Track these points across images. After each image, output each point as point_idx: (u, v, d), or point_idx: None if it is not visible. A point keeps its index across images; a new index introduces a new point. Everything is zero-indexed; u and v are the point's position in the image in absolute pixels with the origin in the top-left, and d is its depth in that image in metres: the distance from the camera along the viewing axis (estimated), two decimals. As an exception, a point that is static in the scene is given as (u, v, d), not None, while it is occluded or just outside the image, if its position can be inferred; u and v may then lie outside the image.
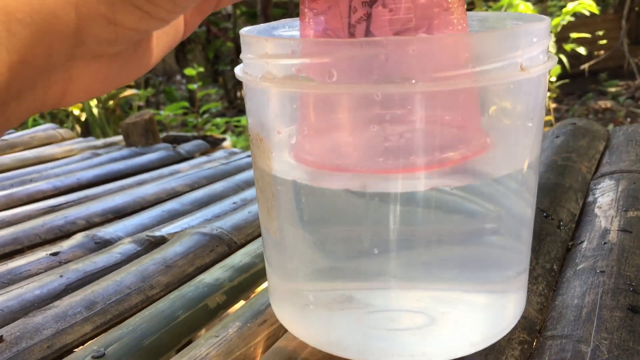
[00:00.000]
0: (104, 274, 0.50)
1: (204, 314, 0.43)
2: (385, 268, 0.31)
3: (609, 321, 0.35)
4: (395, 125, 0.28)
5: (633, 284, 0.39)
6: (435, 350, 0.31)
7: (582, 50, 2.80)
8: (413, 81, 0.26)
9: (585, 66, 3.51)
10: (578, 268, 0.42)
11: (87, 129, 2.36)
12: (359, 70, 0.26)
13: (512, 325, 0.34)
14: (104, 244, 0.58)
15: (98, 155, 0.95)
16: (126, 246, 0.56)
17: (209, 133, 2.45)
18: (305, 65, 0.27)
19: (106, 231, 0.61)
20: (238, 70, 0.32)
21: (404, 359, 0.31)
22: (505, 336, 0.34)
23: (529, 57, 0.28)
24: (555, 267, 0.44)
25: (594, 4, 2.51)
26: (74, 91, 0.26)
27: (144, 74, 0.30)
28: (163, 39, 0.30)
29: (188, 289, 0.46)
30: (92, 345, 0.38)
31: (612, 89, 3.51)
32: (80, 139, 1.05)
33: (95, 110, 2.35)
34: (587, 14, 2.70)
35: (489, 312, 0.32)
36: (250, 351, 0.36)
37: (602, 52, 3.66)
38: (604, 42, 3.56)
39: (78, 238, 0.58)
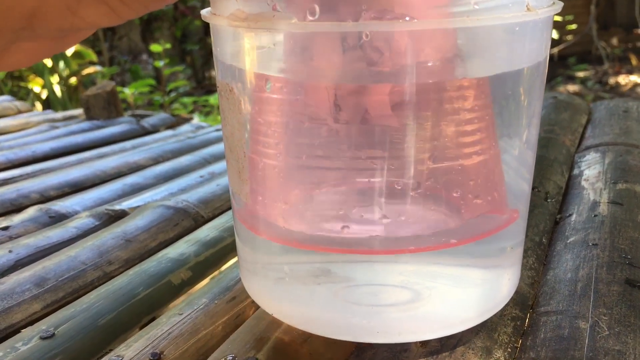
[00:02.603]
0: (58, 250, 0.46)
1: (167, 290, 0.40)
2: (385, 236, 0.28)
3: (606, 296, 0.33)
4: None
5: (629, 256, 0.36)
6: (424, 328, 0.28)
7: (553, 33, 2.80)
8: (407, 18, 0.23)
9: (555, 50, 3.53)
10: (569, 241, 0.40)
11: (49, 107, 2.28)
12: (345, 5, 0.23)
13: (506, 301, 0.31)
14: (59, 218, 0.54)
15: (56, 128, 0.89)
16: (83, 220, 0.52)
17: (176, 112, 2.39)
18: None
19: (62, 205, 0.56)
20: (205, 11, 0.28)
21: (391, 338, 0.28)
22: (497, 312, 0.32)
23: (534, -4, 0.25)
24: (544, 240, 0.41)
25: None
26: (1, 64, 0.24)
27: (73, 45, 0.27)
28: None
29: (150, 265, 0.42)
30: (41, 325, 0.34)
31: (581, 74, 3.54)
32: (37, 112, 1.00)
33: (56, 88, 2.26)
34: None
35: (483, 287, 0.30)
36: (218, 330, 0.33)
37: (570, 36, 3.68)
38: (573, 26, 3.58)
39: (30, 212, 0.54)
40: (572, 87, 3.29)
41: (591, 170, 0.51)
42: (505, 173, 0.30)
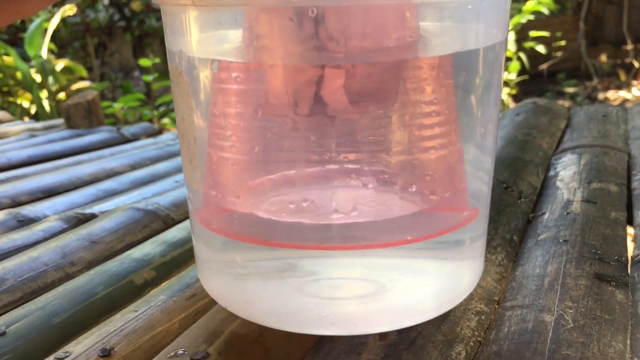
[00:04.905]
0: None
1: (129, 290, 0.38)
2: (332, 231, 0.27)
3: (573, 290, 0.32)
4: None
5: (599, 252, 0.36)
6: (380, 319, 0.27)
7: (541, 48, 2.82)
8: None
9: (544, 66, 3.55)
10: (539, 238, 0.39)
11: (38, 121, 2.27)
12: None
13: (467, 294, 0.30)
14: (28, 222, 0.53)
15: (35, 137, 0.89)
16: (51, 224, 0.50)
17: (166, 127, 2.38)
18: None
19: (32, 209, 0.55)
20: (155, -4, 0.27)
21: (344, 329, 0.27)
22: (460, 306, 0.31)
23: (487, -24, 0.24)
24: (515, 237, 0.40)
25: (551, 2, 2.53)
26: None
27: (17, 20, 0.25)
28: None
29: (112, 265, 0.41)
30: (-7, 324, 0.33)
31: (570, 89, 3.56)
32: (18, 121, 0.99)
33: (45, 102, 2.25)
34: (547, 12, 2.72)
35: (441, 279, 0.29)
36: (175, 327, 0.32)
37: (560, 53, 3.71)
38: (562, 43, 3.60)
39: (-1, 216, 0.53)
40: (562, 103, 3.31)
41: (567, 171, 0.51)
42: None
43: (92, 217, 0.52)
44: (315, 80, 0.25)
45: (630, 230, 0.41)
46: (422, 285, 0.29)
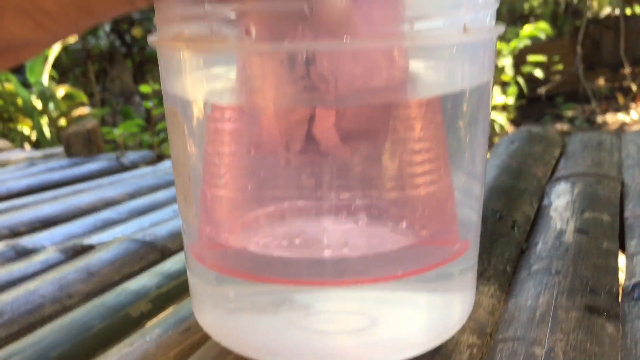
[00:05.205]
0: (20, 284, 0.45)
1: (125, 323, 0.39)
2: (324, 266, 0.28)
3: (564, 322, 0.32)
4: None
5: (590, 283, 0.36)
6: (373, 353, 0.28)
7: (538, 72, 2.84)
8: (345, 39, 0.23)
9: (542, 90, 3.57)
10: (532, 269, 0.39)
11: (38, 148, 2.28)
12: (281, 26, 0.23)
13: (458, 327, 0.30)
14: (26, 253, 0.53)
15: (35, 165, 0.89)
16: (49, 255, 0.51)
17: (166, 153, 2.39)
18: (219, 22, 0.24)
19: (30, 240, 0.55)
20: (151, 36, 0.28)
21: (336, 364, 0.27)
22: (453, 339, 0.31)
23: (473, 18, 0.25)
24: (508, 268, 0.40)
25: (548, 27, 2.56)
26: None
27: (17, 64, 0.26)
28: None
29: (109, 297, 0.41)
30: (-11, 359, 0.34)
31: (569, 113, 3.58)
32: (18, 150, 1.00)
33: (45, 129, 2.27)
34: (543, 37, 2.75)
35: (432, 312, 0.29)
36: (170, 361, 0.32)
37: (558, 77, 3.74)
38: (559, 67, 3.64)
39: (-3, 247, 0.53)
40: (561, 126, 3.33)
41: (560, 200, 0.51)
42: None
43: (89, 248, 0.52)
44: (307, 120, 0.26)
45: (622, 259, 0.42)
46: (414, 318, 0.29)
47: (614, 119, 3.49)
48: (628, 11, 4.18)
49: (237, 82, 0.25)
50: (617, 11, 4.24)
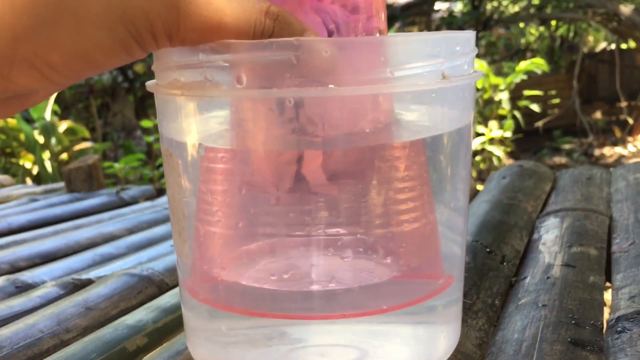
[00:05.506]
0: (20, 319, 0.46)
1: (121, 357, 0.39)
2: (312, 300, 0.29)
3: (549, 354, 0.33)
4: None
5: (575, 317, 0.37)
6: (361, 386, 0.29)
7: (535, 107, 2.88)
8: (330, 87, 0.24)
9: (539, 123, 3.61)
10: (520, 303, 0.40)
11: (39, 183, 2.30)
12: (270, 74, 0.25)
13: (445, 358, 0.31)
14: (26, 288, 0.54)
15: (36, 201, 0.91)
16: (48, 290, 0.52)
17: (165, 187, 2.41)
18: (213, 70, 0.25)
19: (29, 275, 0.56)
20: (149, 82, 0.30)
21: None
22: (440, 372, 0.32)
23: (451, 65, 0.26)
24: (497, 302, 0.41)
25: (544, 62, 2.60)
26: None
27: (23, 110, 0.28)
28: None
29: (106, 332, 0.42)
30: (-12, 393, 0.34)
31: (566, 146, 3.61)
32: (20, 185, 1.01)
33: (47, 163, 2.29)
34: (539, 72, 2.79)
35: (418, 345, 0.30)
36: (164, 395, 0.33)
37: (555, 110, 3.78)
38: (556, 101, 3.68)
39: (-3, 282, 0.54)
40: (559, 159, 3.35)
41: (549, 234, 0.53)
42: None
43: (88, 282, 0.53)
44: (296, 160, 0.27)
45: (608, 293, 0.43)
46: (402, 351, 0.30)
47: (611, 152, 3.52)
48: (623, 46, 4.25)
49: (230, 126, 0.27)
50: (613, 46, 4.30)
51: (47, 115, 2.39)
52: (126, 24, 0.22)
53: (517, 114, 2.72)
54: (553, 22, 4.46)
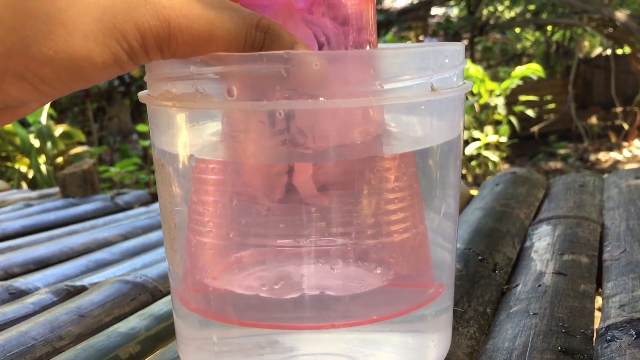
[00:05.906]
0: (13, 326, 0.46)
1: (114, 365, 0.40)
2: (303, 310, 0.29)
3: (539, 363, 0.33)
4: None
5: (565, 325, 0.37)
6: (351, 395, 0.29)
7: (530, 112, 2.89)
8: (321, 98, 0.25)
9: (535, 128, 3.62)
10: (511, 311, 0.41)
11: (35, 187, 2.30)
12: (261, 86, 0.25)
13: (436, 367, 0.31)
14: (19, 294, 0.54)
15: (31, 206, 0.91)
16: (42, 296, 0.52)
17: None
18: (204, 82, 0.26)
19: (23, 281, 0.56)
20: (142, 93, 0.30)
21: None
22: (430, 381, 0.32)
23: (440, 78, 0.27)
24: (488, 310, 0.42)
25: (540, 68, 2.61)
26: None
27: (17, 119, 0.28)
28: None
29: (99, 339, 0.42)
30: (-20, 401, 0.34)
31: (562, 151, 3.62)
32: (15, 191, 1.01)
33: (43, 168, 2.29)
34: (535, 78, 2.80)
35: (408, 354, 0.30)
36: (155, 403, 0.33)
37: (550, 115, 3.79)
38: (552, 106, 3.69)
39: (-9, 288, 0.54)
40: (554, 164, 3.36)
41: (541, 242, 0.53)
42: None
43: (82, 289, 0.53)
44: (287, 171, 0.28)
45: (598, 301, 0.43)
46: (391, 359, 0.30)
47: (606, 157, 3.53)
48: (619, 51, 4.26)
49: (221, 137, 0.27)
50: (608, 51, 4.32)
51: (43, 119, 2.39)
52: (117, 38, 0.22)
53: (512, 119, 2.73)
54: (549, 28, 4.48)
